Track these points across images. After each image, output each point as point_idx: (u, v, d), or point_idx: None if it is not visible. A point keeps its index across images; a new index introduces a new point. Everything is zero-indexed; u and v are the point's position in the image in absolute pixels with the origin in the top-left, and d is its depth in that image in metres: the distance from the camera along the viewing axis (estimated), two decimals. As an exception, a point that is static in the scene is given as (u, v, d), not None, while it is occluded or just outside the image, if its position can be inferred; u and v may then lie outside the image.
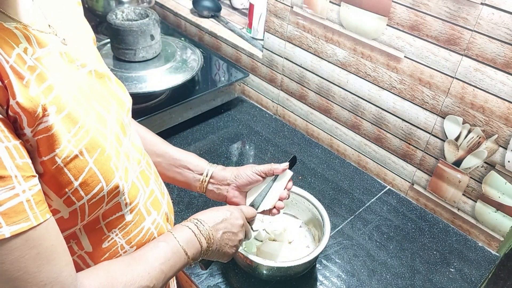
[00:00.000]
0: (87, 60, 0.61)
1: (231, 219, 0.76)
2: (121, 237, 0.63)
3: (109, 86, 0.65)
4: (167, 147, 0.87)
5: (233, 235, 0.75)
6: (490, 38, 0.89)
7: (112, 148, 0.58)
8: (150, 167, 0.73)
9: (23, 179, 0.45)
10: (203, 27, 1.58)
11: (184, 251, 0.66)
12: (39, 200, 0.47)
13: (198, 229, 0.70)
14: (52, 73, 0.52)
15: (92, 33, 0.70)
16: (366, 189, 1.20)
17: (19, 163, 0.45)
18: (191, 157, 0.88)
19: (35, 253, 0.46)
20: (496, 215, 1.02)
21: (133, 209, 0.63)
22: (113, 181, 0.57)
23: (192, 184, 0.88)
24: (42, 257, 0.47)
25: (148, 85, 1.22)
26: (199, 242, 0.69)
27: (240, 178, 0.87)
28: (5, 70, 0.45)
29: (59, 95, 0.51)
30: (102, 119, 0.59)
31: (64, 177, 0.51)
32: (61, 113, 0.51)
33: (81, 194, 0.53)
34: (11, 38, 0.48)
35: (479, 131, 0.97)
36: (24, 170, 0.46)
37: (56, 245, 0.49)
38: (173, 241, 0.66)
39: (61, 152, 0.50)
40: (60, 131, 0.50)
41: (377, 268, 0.99)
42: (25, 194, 0.46)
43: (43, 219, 0.47)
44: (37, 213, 0.47)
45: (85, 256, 0.60)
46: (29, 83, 0.48)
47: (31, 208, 0.46)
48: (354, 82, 1.17)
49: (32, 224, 0.46)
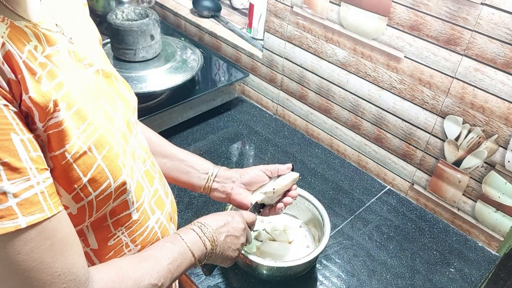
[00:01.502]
0: (94, 59, 0.62)
1: (233, 223, 0.77)
2: (127, 235, 0.63)
3: (115, 86, 0.66)
4: (174, 149, 0.89)
5: (235, 238, 0.76)
6: (490, 38, 0.89)
7: (119, 146, 0.59)
8: (155, 166, 0.73)
9: (37, 171, 0.46)
10: (203, 27, 1.58)
11: (191, 252, 0.67)
12: (52, 192, 0.48)
13: (202, 231, 0.71)
14: (61, 70, 0.53)
15: (98, 34, 0.71)
16: (366, 189, 1.20)
17: (33, 155, 0.46)
18: (196, 158, 0.90)
19: (49, 244, 0.47)
20: (496, 215, 1.02)
21: (139, 208, 0.64)
22: (121, 178, 0.58)
23: (197, 184, 0.88)
24: (56, 248, 0.48)
25: (148, 85, 1.22)
26: (204, 244, 0.70)
27: (246, 175, 0.88)
28: (18, 65, 0.46)
29: (69, 92, 0.52)
30: (109, 117, 0.60)
31: (73, 173, 0.52)
32: (71, 109, 0.52)
33: (89, 190, 0.54)
34: (22, 36, 0.49)
35: (479, 131, 0.97)
36: (38, 163, 0.47)
37: (69, 236, 0.50)
38: (180, 242, 0.67)
39: (71, 148, 0.51)
40: (69, 126, 0.51)
41: (377, 268, 0.99)
42: (40, 186, 0.46)
43: (57, 211, 0.48)
44: (50, 204, 0.47)
45: (90, 253, 0.61)
46: (41, 79, 0.49)
47: (45, 199, 0.47)
48: (354, 82, 1.17)
49: (46, 215, 0.47)
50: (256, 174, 0.89)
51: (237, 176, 0.89)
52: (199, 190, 0.89)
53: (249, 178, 0.88)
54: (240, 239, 0.77)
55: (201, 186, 0.88)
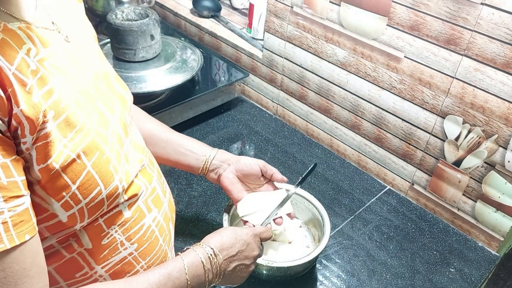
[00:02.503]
0: (90, 59, 0.61)
1: (247, 251, 0.73)
2: (121, 233, 0.62)
3: (112, 86, 0.65)
4: (172, 134, 0.91)
5: (245, 267, 0.73)
6: (490, 38, 0.89)
7: (112, 150, 0.58)
8: (153, 165, 0.73)
9: (4, 200, 0.45)
10: (203, 27, 1.58)
11: (187, 282, 0.64)
12: (20, 221, 0.46)
13: (211, 263, 0.67)
14: (54, 76, 0.51)
15: (93, 30, 0.71)
16: (366, 189, 1.20)
17: (4, 182, 0.45)
18: (194, 142, 0.92)
19: (2, 276, 0.45)
20: (496, 215, 1.02)
21: (131, 205, 0.63)
22: (112, 184, 0.57)
23: (195, 166, 0.90)
24: (9, 280, 0.46)
25: (148, 85, 1.22)
26: (206, 277, 0.67)
27: (241, 162, 0.90)
28: (8, 78, 0.45)
29: (59, 99, 0.51)
30: (104, 121, 0.59)
31: (61, 181, 0.51)
32: (59, 117, 0.51)
33: (79, 198, 0.53)
34: (14, 40, 0.48)
35: (479, 131, 0.97)
36: (9, 190, 0.45)
37: (29, 269, 0.48)
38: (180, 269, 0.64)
39: (58, 158, 0.50)
40: (57, 137, 0.50)
41: (377, 268, 0.99)
42: (3, 216, 0.45)
43: (19, 242, 0.46)
44: (13, 235, 0.46)
45: (84, 253, 0.60)
46: (32, 89, 0.47)
47: (7, 230, 0.45)
48: (354, 82, 1.17)
49: (5, 247, 0.45)
50: (250, 165, 0.90)
51: (234, 160, 0.90)
52: (197, 171, 0.91)
53: (241, 167, 0.90)
54: (250, 267, 0.75)
55: (199, 167, 0.90)
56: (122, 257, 0.64)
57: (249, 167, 0.90)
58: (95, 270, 0.62)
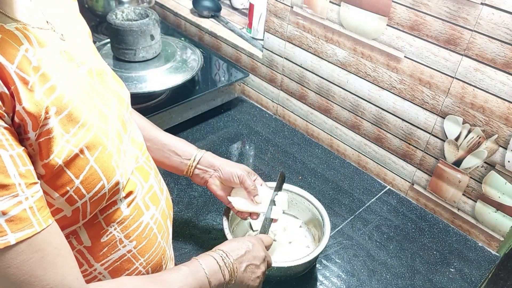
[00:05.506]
0: (85, 57, 0.62)
1: (254, 251, 0.76)
2: (120, 231, 0.63)
3: (108, 83, 0.65)
4: (157, 132, 0.89)
5: (256, 267, 0.75)
6: (490, 38, 0.89)
7: (113, 145, 0.59)
8: (150, 162, 0.73)
9: (26, 187, 0.46)
10: (203, 27, 1.58)
11: (208, 280, 0.66)
12: (41, 206, 0.48)
13: (224, 261, 0.70)
14: (54, 72, 0.52)
15: (88, 28, 0.71)
16: (366, 189, 1.20)
17: (22, 170, 0.46)
18: (179, 142, 0.90)
19: (39, 256, 0.47)
20: (496, 215, 1.02)
21: (130, 203, 0.64)
22: (114, 179, 0.57)
23: (179, 168, 0.89)
24: (46, 260, 0.48)
25: (148, 85, 1.22)
26: (223, 274, 0.69)
27: (225, 171, 0.89)
28: (11, 76, 0.46)
29: (62, 95, 0.52)
30: (104, 117, 0.59)
31: (65, 176, 0.52)
32: (62, 113, 0.51)
33: (82, 192, 0.54)
34: (13, 40, 0.48)
35: (479, 131, 0.97)
36: (27, 178, 0.47)
37: (60, 248, 0.50)
38: (198, 268, 0.66)
39: (60, 153, 0.51)
40: (59, 132, 0.51)
41: (377, 268, 0.99)
42: (28, 201, 0.46)
43: (46, 225, 0.48)
44: (40, 219, 0.48)
45: (84, 251, 0.60)
46: (34, 87, 0.48)
47: (34, 214, 0.47)
48: (354, 82, 1.17)
49: (36, 231, 0.47)
50: (232, 177, 0.88)
51: (218, 166, 0.89)
52: (181, 173, 0.90)
53: (225, 177, 0.89)
54: (260, 268, 0.76)
55: (183, 170, 0.89)
56: (121, 254, 0.64)
57: (230, 177, 0.89)
58: (94, 268, 0.62)
